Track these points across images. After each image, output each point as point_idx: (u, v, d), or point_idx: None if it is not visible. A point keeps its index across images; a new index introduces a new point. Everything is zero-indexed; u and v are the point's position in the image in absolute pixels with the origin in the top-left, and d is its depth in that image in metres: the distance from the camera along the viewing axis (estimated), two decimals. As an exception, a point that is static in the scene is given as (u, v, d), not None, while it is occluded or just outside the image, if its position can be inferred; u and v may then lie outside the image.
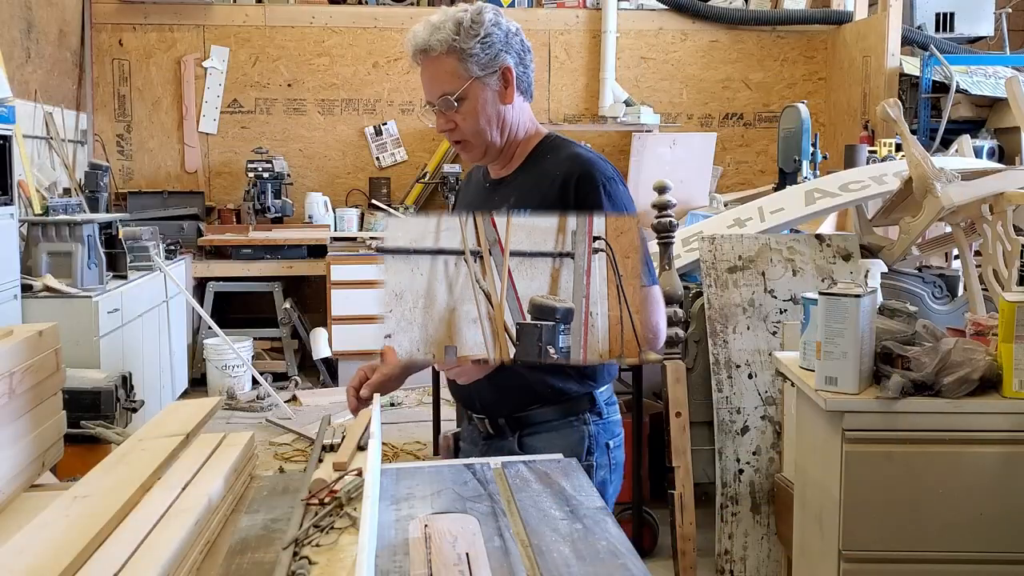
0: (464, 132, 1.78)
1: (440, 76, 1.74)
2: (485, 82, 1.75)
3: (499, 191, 1.85)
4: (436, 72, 1.74)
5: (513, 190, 1.81)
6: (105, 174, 5.42)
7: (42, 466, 1.74)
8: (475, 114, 1.76)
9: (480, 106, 1.75)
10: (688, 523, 3.14)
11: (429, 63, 1.75)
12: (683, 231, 3.74)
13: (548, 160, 1.80)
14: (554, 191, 1.74)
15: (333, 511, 1.42)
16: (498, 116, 1.78)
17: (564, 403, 1.83)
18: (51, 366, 1.76)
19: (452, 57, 1.72)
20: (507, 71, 1.77)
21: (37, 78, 5.30)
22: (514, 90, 1.79)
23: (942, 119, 5.49)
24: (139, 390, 3.75)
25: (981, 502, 2.00)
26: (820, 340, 2.00)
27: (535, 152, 1.84)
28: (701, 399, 3.40)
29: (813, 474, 2.20)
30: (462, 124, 1.77)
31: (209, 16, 6.33)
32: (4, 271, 3.81)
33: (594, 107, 6.63)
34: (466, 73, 1.73)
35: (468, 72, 1.73)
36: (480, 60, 1.73)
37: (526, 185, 1.80)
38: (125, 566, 1.14)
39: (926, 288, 3.51)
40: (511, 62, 1.77)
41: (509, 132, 1.81)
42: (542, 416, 1.83)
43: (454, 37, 1.71)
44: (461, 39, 1.71)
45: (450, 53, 1.72)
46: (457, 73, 1.73)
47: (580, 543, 1.34)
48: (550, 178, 1.76)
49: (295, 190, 6.33)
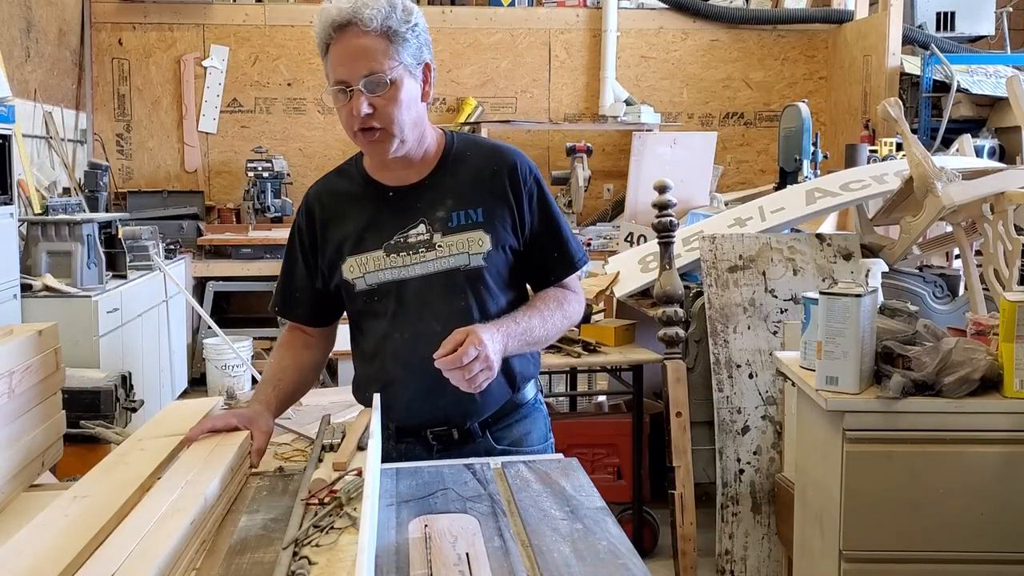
0: (384, 119, 1.63)
1: (369, 53, 1.61)
2: (412, 73, 1.67)
3: (420, 197, 1.74)
4: (364, 48, 1.60)
5: (441, 193, 1.74)
6: (105, 173, 5.41)
7: (42, 466, 1.74)
8: (400, 102, 1.64)
9: (405, 96, 1.65)
10: (688, 523, 3.14)
11: (353, 37, 1.60)
12: (683, 230, 3.73)
13: (471, 156, 1.77)
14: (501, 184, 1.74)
15: (333, 511, 1.41)
16: (417, 113, 1.69)
17: (523, 391, 1.85)
18: (51, 366, 1.76)
19: (383, 37, 1.61)
20: (428, 69, 1.71)
21: (37, 77, 5.29)
22: (431, 91, 1.73)
23: (943, 118, 5.49)
24: (139, 390, 3.74)
25: (982, 502, 1.99)
26: (821, 340, 2.00)
27: (448, 152, 1.77)
28: (701, 399, 3.39)
29: (814, 474, 2.19)
30: (383, 110, 1.63)
31: (209, 15, 6.33)
32: (3, 271, 3.80)
33: (594, 106, 6.63)
34: (397, 57, 1.63)
35: (399, 57, 1.63)
36: (410, 49, 1.65)
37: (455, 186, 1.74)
38: (122, 566, 1.14)
39: (927, 288, 3.51)
40: (431, 61, 1.72)
41: (420, 133, 1.73)
42: (509, 406, 1.82)
43: (388, 16, 1.61)
44: (396, 21, 1.62)
45: (382, 32, 1.61)
46: (389, 54, 1.62)
47: (580, 543, 1.33)
48: (490, 174, 1.75)
49: (295, 189, 6.33)
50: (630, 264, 3.80)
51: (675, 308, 3.23)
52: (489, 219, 1.73)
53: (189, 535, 1.27)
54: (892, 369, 2.00)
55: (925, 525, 2.01)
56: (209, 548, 1.32)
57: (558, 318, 1.77)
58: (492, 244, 1.73)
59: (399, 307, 1.74)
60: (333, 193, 1.82)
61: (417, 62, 1.68)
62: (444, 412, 1.76)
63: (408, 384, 1.75)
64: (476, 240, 1.72)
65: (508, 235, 1.75)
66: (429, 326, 1.70)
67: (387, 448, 1.82)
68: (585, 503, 1.48)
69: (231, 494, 1.49)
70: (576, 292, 1.85)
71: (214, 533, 1.36)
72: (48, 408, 1.76)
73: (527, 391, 1.86)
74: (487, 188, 1.74)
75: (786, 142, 4.59)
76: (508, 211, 1.75)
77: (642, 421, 3.45)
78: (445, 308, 1.71)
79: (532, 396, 1.88)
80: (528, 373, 1.85)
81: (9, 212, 3.88)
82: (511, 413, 1.83)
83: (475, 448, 1.78)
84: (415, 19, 1.66)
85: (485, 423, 1.80)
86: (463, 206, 1.73)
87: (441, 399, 1.71)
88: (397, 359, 1.75)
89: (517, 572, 1.24)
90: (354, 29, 1.60)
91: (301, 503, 1.45)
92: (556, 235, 1.81)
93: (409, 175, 1.76)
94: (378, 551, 1.30)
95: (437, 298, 1.72)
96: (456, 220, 1.73)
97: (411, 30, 1.65)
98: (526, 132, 6.46)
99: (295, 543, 1.30)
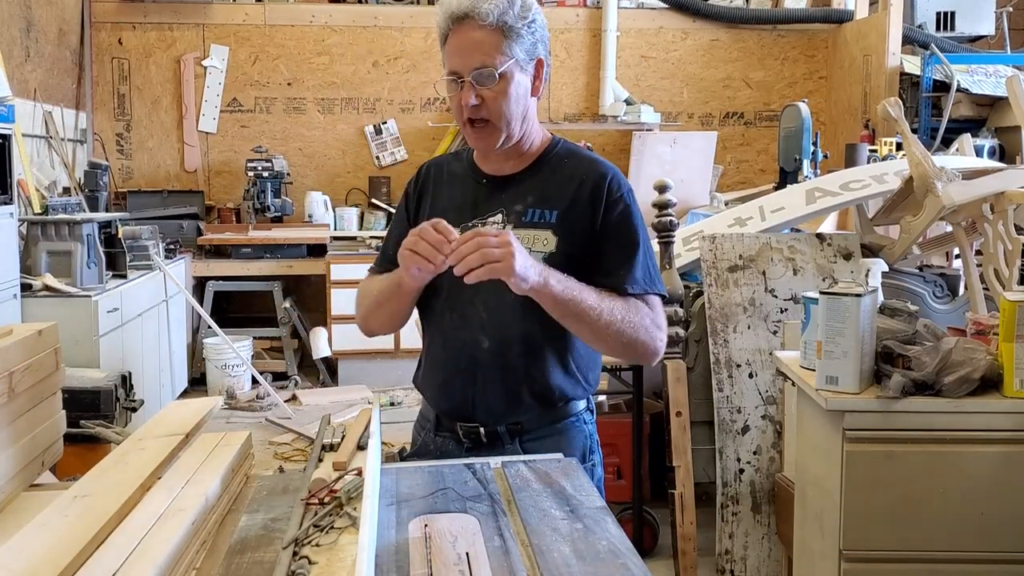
0: (491, 112, 1.68)
1: (482, 46, 1.65)
2: (524, 68, 1.70)
3: (506, 188, 1.78)
4: (478, 41, 1.65)
5: (526, 188, 1.77)
6: (104, 173, 5.41)
7: (41, 465, 1.74)
8: (508, 96, 1.68)
9: (514, 90, 1.68)
10: (688, 523, 3.14)
11: (469, 30, 1.65)
12: (683, 230, 3.73)
13: (567, 163, 1.78)
14: (585, 192, 1.73)
15: (333, 511, 1.41)
16: (525, 107, 1.73)
17: (566, 405, 1.81)
18: (50, 365, 1.76)
19: (498, 32, 1.65)
20: (541, 65, 1.74)
21: (36, 77, 5.29)
22: (540, 85, 1.76)
23: (943, 118, 5.49)
24: (139, 390, 3.74)
25: (982, 502, 1.99)
26: (821, 339, 2.00)
27: (548, 153, 1.80)
28: (702, 398, 3.40)
29: (814, 473, 2.19)
30: (491, 103, 1.67)
31: (209, 15, 6.33)
32: (3, 270, 3.80)
33: (594, 106, 6.63)
34: (509, 52, 1.66)
35: (511, 52, 1.67)
36: (524, 45, 1.68)
37: (540, 185, 1.77)
38: (123, 566, 1.14)
39: (927, 287, 3.51)
40: (545, 57, 1.75)
41: (527, 127, 1.76)
42: (546, 419, 1.80)
43: (505, 12, 1.65)
44: (512, 17, 1.65)
45: (498, 27, 1.65)
46: (501, 49, 1.65)
47: (580, 543, 1.33)
48: (579, 182, 1.74)
49: (295, 189, 6.33)
50: (630, 264, 3.79)
51: (675, 308, 3.24)
52: (562, 222, 1.73)
53: (190, 535, 1.27)
54: (892, 369, 2.00)
55: (925, 525, 2.01)
56: (209, 548, 1.32)
57: (619, 311, 1.67)
58: (557, 247, 1.72)
59: (454, 287, 1.73)
60: (442, 169, 1.89)
61: (530, 58, 1.71)
62: (472, 401, 1.77)
63: (446, 364, 1.79)
64: (543, 239, 1.73)
65: (579, 242, 1.73)
66: (476, 311, 1.74)
67: (426, 439, 1.87)
68: (585, 503, 1.48)
69: (232, 494, 1.49)
70: (653, 310, 1.73)
71: (214, 533, 1.36)
72: (48, 408, 1.76)
73: (570, 407, 1.81)
74: (570, 193, 1.74)
75: (786, 142, 4.59)
76: (586, 219, 1.73)
77: (642, 421, 3.45)
78: (495, 297, 1.71)
79: (573, 413, 1.83)
80: (570, 392, 1.79)
81: (9, 212, 3.88)
82: (546, 426, 1.80)
83: (504, 454, 1.77)
84: (533, 15, 1.69)
85: (516, 430, 1.79)
86: (541, 205, 1.74)
87: (470, 387, 1.74)
88: (442, 337, 1.80)
89: (517, 572, 1.24)
90: (471, 22, 1.65)
91: (301, 503, 1.45)
92: (628, 251, 1.73)
93: (505, 167, 1.80)
94: (378, 551, 1.30)
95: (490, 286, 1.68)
96: (530, 216, 1.74)
97: (527, 26, 1.68)
98: (526, 132, 6.44)
99: (295, 543, 1.30)
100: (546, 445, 1.78)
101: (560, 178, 1.76)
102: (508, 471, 1.63)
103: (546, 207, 1.74)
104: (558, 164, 1.79)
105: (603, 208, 1.74)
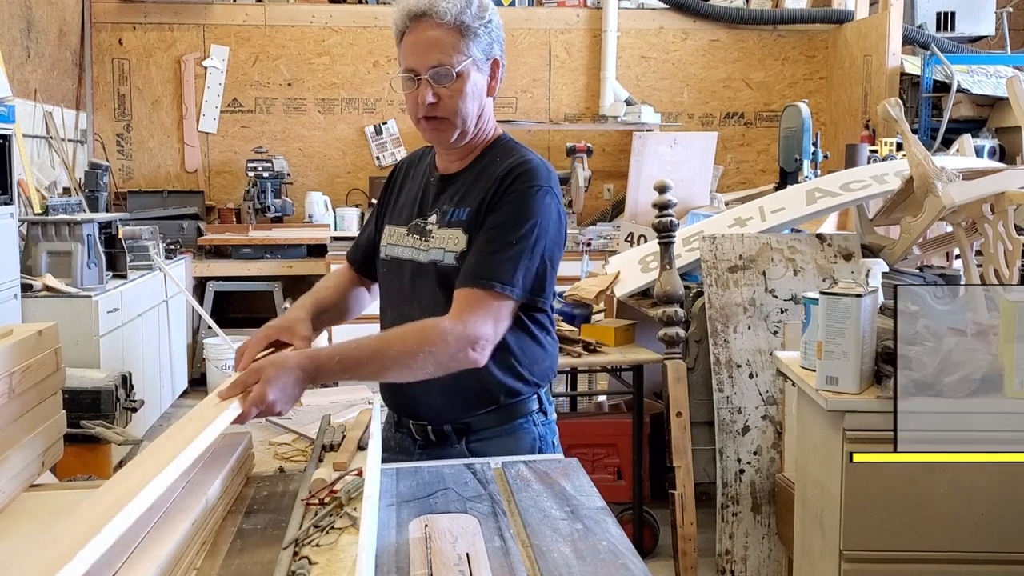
0: (447, 110, 1.69)
1: (440, 45, 1.66)
2: (480, 67, 1.71)
3: (447, 188, 1.79)
4: (435, 40, 1.66)
5: (459, 187, 1.77)
6: (105, 173, 5.42)
7: (42, 466, 1.74)
8: (464, 95, 1.69)
9: (471, 88, 1.69)
10: (689, 523, 3.14)
11: (427, 28, 1.66)
12: (684, 231, 3.73)
13: (496, 162, 1.76)
14: (491, 189, 1.70)
15: (333, 511, 1.41)
16: (480, 106, 1.74)
17: (514, 405, 1.78)
18: (51, 366, 1.76)
19: (455, 31, 1.66)
20: (497, 65, 1.75)
21: (37, 77, 5.29)
22: (496, 85, 1.77)
23: (943, 118, 5.49)
24: (139, 390, 3.74)
25: (982, 502, 1.99)
26: (821, 340, 2.00)
27: (486, 151, 1.79)
28: (702, 399, 3.39)
29: (814, 474, 2.19)
30: (448, 101, 1.68)
31: (209, 15, 6.33)
32: (4, 271, 3.80)
33: (595, 106, 6.63)
34: (467, 51, 1.68)
35: (468, 51, 1.68)
36: (481, 44, 1.70)
37: (468, 184, 1.76)
38: (123, 566, 1.14)
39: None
40: (500, 58, 1.76)
41: (481, 127, 1.76)
42: (493, 420, 1.77)
43: (463, 11, 1.66)
44: (470, 16, 1.67)
45: (455, 26, 1.66)
46: (458, 48, 1.67)
47: (580, 543, 1.33)
48: (492, 178, 1.72)
49: (295, 189, 6.33)
50: (630, 264, 3.80)
51: (675, 308, 3.23)
52: (472, 220, 1.71)
53: (190, 535, 1.27)
54: (892, 369, 2.00)
55: (925, 525, 2.01)
56: (209, 548, 1.32)
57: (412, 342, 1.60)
58: (468, 245, 1.70)
59: (397, 284, 1.81)
60: (412, 165, 1.93)
61: (487, 57, 1.72)
62: (414, 399, 1.77)
63: None
64: (454, 238, 1.72)
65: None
66: (412, 310, 1.75)
67: (387, 435, 1.87)
68: (585, 503, 1.48)
69: (232, 494, 1.49)
70: (470, 306, 1.62)
71: (214, 533, 1.36)
72: (48, 408, 1.76)
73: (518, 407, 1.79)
74: (481, 189, 1.73)
75: (786, 142, 4.59)
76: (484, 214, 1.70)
77: (642, 421, 3.45)
78: (426, 297, 1.74)
79: (522, 414, 1.79)
80: (512, 388, 1.76)
81: (9, 212, 3.88)
82: (492, 427, 1.78)
83: (450, 454, 1.76)
84: (490, 15, 1.71)
85: (462, 430, 1.78)
86: (460, 204, 1.74)
87: (414, 385, 1.70)
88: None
89: (517, 572, 1.24)
90: (428, 20, 1.66)
91: (301, 503, 1.45)
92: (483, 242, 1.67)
93: (451, 166, 1.81)
94: (378, 551, 1.30)
95: (420, 286, 1.76)
96: (450, 216, 1.75)
97: (484, 26, 1.69)
98: (526, 132, 6.45)
99: (295, 543, 1.30)
100: (493, 445, 1.76)
101: (485, 176, 1.74)
102: (508, 471, 1.63)
103: (462, 205, 1.74)
104: (490, 162, 1.77)
105: (493, 199, 1.69)
